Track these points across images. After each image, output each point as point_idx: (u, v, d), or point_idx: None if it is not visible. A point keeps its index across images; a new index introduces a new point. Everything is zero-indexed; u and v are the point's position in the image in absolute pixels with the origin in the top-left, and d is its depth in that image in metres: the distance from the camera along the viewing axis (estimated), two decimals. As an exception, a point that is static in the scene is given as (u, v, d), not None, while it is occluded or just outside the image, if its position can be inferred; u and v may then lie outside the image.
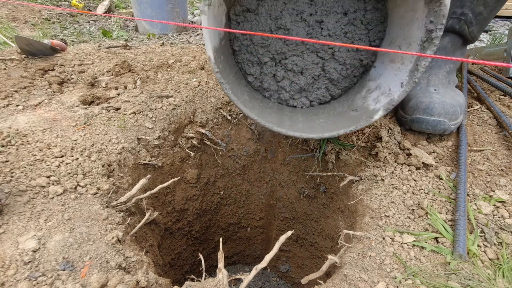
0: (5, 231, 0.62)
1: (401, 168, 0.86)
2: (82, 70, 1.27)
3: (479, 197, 0.75)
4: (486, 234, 0.66)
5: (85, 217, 0.68)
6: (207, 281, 0.61)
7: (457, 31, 0.95)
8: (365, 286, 0.59)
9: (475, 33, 0.96)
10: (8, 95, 1.06)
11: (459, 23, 0.93)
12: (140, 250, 0.71)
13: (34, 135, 0.87)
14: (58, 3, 2.58)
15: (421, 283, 0.58)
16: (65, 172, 0.77)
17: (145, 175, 0.97)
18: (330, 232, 1.20)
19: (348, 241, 0.73)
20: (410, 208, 0.74)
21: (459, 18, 0.92)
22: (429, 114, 0.88)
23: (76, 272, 0.58)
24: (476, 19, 0.92)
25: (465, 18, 0.92)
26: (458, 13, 0.92)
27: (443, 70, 0.99)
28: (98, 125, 0.96)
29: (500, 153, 0.88)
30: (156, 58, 1.44)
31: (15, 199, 0.68)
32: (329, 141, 1.03)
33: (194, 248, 1.41)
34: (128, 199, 0.78)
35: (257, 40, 0.91)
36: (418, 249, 0.65)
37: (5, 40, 1.51)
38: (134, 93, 1.12)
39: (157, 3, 1.98)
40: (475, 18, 0.92)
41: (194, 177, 1.22)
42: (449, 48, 0.99)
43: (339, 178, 1.01)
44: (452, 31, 0.96)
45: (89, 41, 1.80)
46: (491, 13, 0.93)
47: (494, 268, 0.60)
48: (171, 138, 1.08)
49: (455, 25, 0.94)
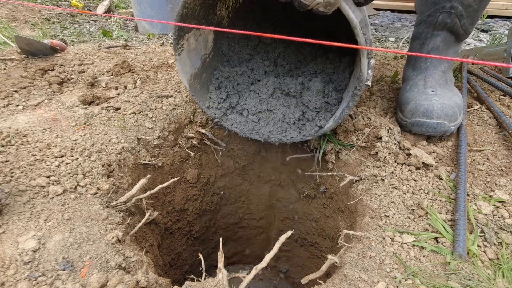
0: (5, 231, 0.62)
1: (401, 168, 0.86)
2: (82, 70, 1.27)
3: (479, 197, 0.75)
4: (486, 234, 0.66)
5: (85, 217, 0.68)
6: (207, 281, 0.61)
7: (449, 26, 0.94)
8: (365, 286, 0.59)
9: (467, 25, 0.95)
10: (8, 95, 1.06)
11: (450, 16, 0.92)
12: (140, 250, 0.71)
13: (34, 135, 0.87)
14: (58, 3, 2.57)
15: (421, 283, 0.58)
16: (65, 172, 0.77)
17: (145, 175, 0.97)
18: (330, 232, 1.20)
19: (348, 241, 0.73)
20: (410, 208, 0.74)
21: (449, 12, 0.92)
22: (429, 117, 0.88)
23: (76, 272, 0.58)
24: (467, 11, 0.91)
25: (455, 11, 0.91)
26: (447, 7, 0.91)
27: (439, 70, 0.99)
28: (98, 125, 0.96)
29: (500, 153, 0.88)
30: (156, 58, 1.44)
31: (15, 199, 0.68)
32: (329, 141, 1.03)
33: (194, 248, 1.41)
34: (128, 199, 0.78)
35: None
36: (418, 249, 0.65)
37: (5, 40, 1.51)
38: (134, 93, 1.12)
39: (157, 3, 1.98)
40: (465, 11, 0.91)
41: (194, 177, 1.22)
42: (442, 48, 0.99)
43: (339, 178, 1.01)
44: (443, 27, 0.95)
45: (89, 41, 1.80)
46: (481, 4, 0.92)
47: (494, 268, 0.60)
48: (171, 138, 1.08)
49: (446, 19, 0.93)
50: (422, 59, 1.01)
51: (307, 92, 1.04)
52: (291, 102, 1.07)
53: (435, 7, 0.94)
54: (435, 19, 0.95)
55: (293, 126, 1.03)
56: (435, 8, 0.94)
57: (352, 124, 1.00)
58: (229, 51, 1.12)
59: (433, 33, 0.98)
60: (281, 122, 1.04)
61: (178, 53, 0.89)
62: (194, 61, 0.96)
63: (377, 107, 1.08)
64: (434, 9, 0.94)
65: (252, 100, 1.07)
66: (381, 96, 1.14)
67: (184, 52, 0.91)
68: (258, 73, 1.13)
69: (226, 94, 1.07)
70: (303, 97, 1.05)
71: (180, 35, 0.87)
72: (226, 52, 1.12)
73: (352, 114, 1.03)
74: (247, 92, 1.09)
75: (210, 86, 1.06)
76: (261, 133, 1.02)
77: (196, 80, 0.98)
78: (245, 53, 1.15)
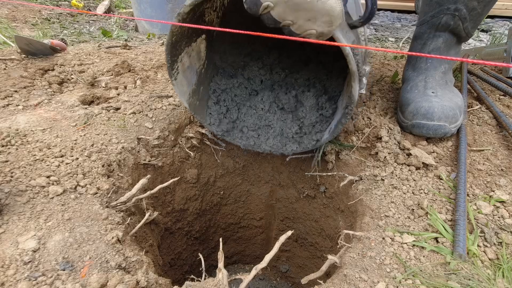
0: (5, 231, 0.62)
1: (401, 168, 0.86)
2: (82, 70, 1.27)
3: (479, 197, 0.75)
4: (486, 234, 0.66)
5: (85, 217, 0.68)
6: (207, 281, 0.61)
7: (452, 28, 0.94)
8: (365, 286, 0.59)
9: (469, 29, 0.95)
10: (8, 95, 1.06)
11: (453, 19, 0.92)
12: (140, 250, 0.71)
13: (34, 135, 0.87)
14: (58, 3, 2.58)
15: (421, 283, 0.58)
16: (65, 172, 0.77)
17: (145, 175, 0.97)
18: (330, 232, 1.20)
19: (348, 241, 0.73)
20: (410, 208, 0.74)
21: (453, 14, 0.92)
22: (430, 119, 0.88)
23: (76, 272, 0.58)
24: (470, 15, 0.91)
25: (459, 14, 0.91)
26: (452, 9, 0.91)
27: (439, 71, 0.99)
28: (98, 125, 0.96)
29: (500, 153, 0.88)
30: (156, 58, 1.44)
31: (15, 199, 0.68)
32: (329, 141, 1.04)
33: (194, 248, 1.41)
34: (128, 199, 0.78)
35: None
36: (418, 249, 0.65)
37: (5, 40, 1.51)
38: (134, 93, 1.12)
39: (157, 3, 1.98)
40: (469, 14, 0.91)
41: (194, 177, 1.22)
42: (443, 49, 0.99)
43: (339, 178, 1.01)
44: (446, 29, 0.95)
45: (89, 41, 1.80)
46: (485, 8, 0.92)
47: (494, 268, 0.60)
48: (171, 138, 1.08)
49: (449, 21, 0.93)
50: (422, 59, 1.01)
51: (301, 108, 1.06)
52: (287, 117, 1.09)
53: (439, 8, 0.93)
54: (438, 20, 0.95)
55: (291, 139, 1.04)
56: (439, 9, 0.93)
57: (352, 125, 1.00)
58: (222, 63, 1.12)
59: (435, 33, 0.97)
60: (280, 136, 1.06)
61: (174, 78, 0.87)
62: (190, 79, 0.95)
63: (377, 107, 1.08)
64: (438, 10, 0.94)
65: (250, 117, 1.09)
66: (381, 96, 1.14)
67: (179, 74, 0.88)
68: (255, 83, 1.13)
69: (225, 108, 1.07)
70: (297, 112, 1.06)
71: (174, 60, 0.84)
72: (220, 64, 1.12)
73: (352, 114, 1.03)
74: (246, 107, 1.10)
75: (209, 101, 1.06)
76: (262, 148, 1.04)
77: (195, 97, 0.98)
78: (238, 61, 1.14)
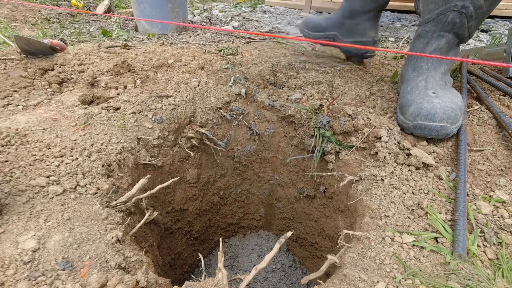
0: (5, 231, 0.62)
1: (400, 168, 0.86)
2: (81, 69, 1.27)
3: (479, 197, 0.75)
4: (485, 234, 0.66)
5: (85, 217, 0.68)
6: (207, 281, 0.61)
7: (457, 26, 0.94)
8: (364, 286, 0.59)
9: (472, 28, 0.95)
10: (7, 94, 1.06)
11: (459, 16, 0.92)
12: (139, 250, 0.71)
13: (34, 135, 0.87)
14: (58, 2, 2.57)
15: (420, 283, 0.58)
16: (64, 172, 0.77)
17: (145, 175, 0.97)
18: (330, 232, 1.20)
19: (348, 241, 0.73)
20: (410, 208, 0.74)
21: (460, 12, 0.91)
22: (431, 120, 0.87)
23: (75, 272, 0.58)
24: (476, 13, 0.91)
25: (466, 12, 0.90)
26: (459, 6, 0.91)
27: (439, 72, 0.99)
28: (98, 125, 0.95)
29: (500, 153, 0.88)
30: (156, 58, 1.44)
31: (14, 199, 0.68)
32: (329, 141, 1.04)
33: (194, 248, 1.41)
34: (128, 199, 0.78)
35: None
36: (418, 249, 0.65)
37: (4, 39, 1.51)
38: (134, 93, 1.12)
39: (157, 3, 1.98)
40: (475, 12, 0.91)
41: (194, 177, 1.22)
42: (444, 49, 0.98)
43: (339, 178, 1.01)
44: (451, 28, 0.95)
45: (89, 41, 1.79)
46: (490, 7, 0.92)
47: (493, 268, 0.60)
48: (171, 138, 1.08)
49: (456, 18, 0.92)
50: (423, 59, 1.00)
51: None
52: None
53: (446, 5, 0.93)
54: (444, 18, 0.94)
55: None
56: (446, 7, 0.93)
57: (352, 125, 1.00)
58: None
59: (440, 33, 0.97)
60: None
61: None
62: None
63: (377, 107, 1.08)
64: (445, 7, 0.93)
65: None
66: (381, 96, 1.14)
67: None
68: None
69: None
70: None
71: None
72: None
73: (352, 114, 1.03)
74: None
75: None
76: None
77: None
78: None
